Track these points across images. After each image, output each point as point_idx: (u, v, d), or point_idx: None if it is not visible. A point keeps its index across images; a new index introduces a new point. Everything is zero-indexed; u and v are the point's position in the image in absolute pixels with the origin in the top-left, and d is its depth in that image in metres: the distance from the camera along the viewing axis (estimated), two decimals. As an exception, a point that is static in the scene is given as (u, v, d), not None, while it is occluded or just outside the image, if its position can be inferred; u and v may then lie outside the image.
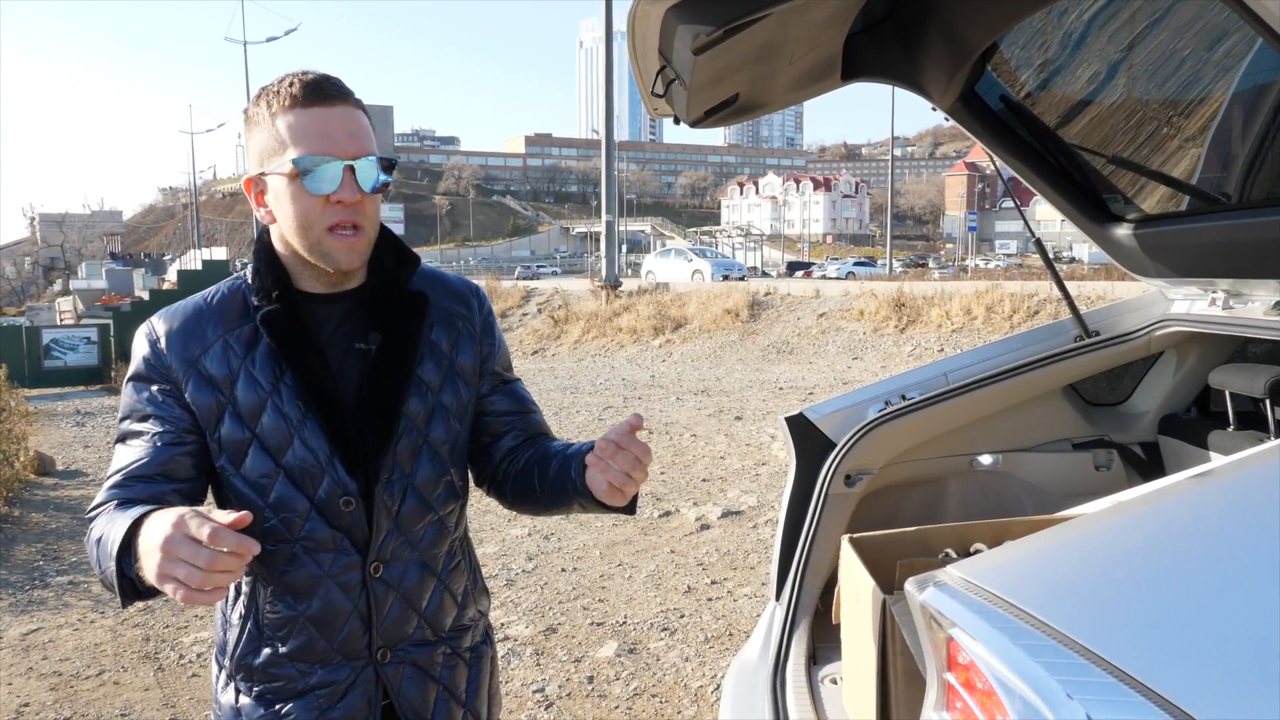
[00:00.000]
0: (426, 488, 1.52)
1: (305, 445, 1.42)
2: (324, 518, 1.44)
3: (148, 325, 1.47)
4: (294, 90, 1.37)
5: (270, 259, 1.46)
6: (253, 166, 1.42)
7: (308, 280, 1.46)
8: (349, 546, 1.46)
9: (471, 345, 1.58)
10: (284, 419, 1.42)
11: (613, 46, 23.68)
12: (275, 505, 1.43)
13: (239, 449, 1.42)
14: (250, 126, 1.42)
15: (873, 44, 2.21)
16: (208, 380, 1.42)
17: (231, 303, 1.46)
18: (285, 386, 1.42)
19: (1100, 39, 2.16)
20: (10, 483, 7.86)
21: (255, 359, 1.43)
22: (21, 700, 4.14)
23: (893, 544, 1.97)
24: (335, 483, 1.43)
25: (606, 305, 21.91)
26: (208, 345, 1.43)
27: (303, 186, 1.36)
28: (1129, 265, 2.45)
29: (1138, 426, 2.71)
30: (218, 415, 1.42)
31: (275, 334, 1.42)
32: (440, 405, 1.53)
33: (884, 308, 17.82)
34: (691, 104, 1.95)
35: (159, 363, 1.43)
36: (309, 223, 1.38)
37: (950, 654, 1.15)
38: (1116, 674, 0.95)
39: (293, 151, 1.35)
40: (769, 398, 12.88)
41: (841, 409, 2.50)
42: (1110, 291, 14.39)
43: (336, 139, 1.36)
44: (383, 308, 1.49)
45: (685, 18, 1.46)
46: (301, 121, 1.36)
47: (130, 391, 1.45)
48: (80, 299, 45.38)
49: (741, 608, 5.00)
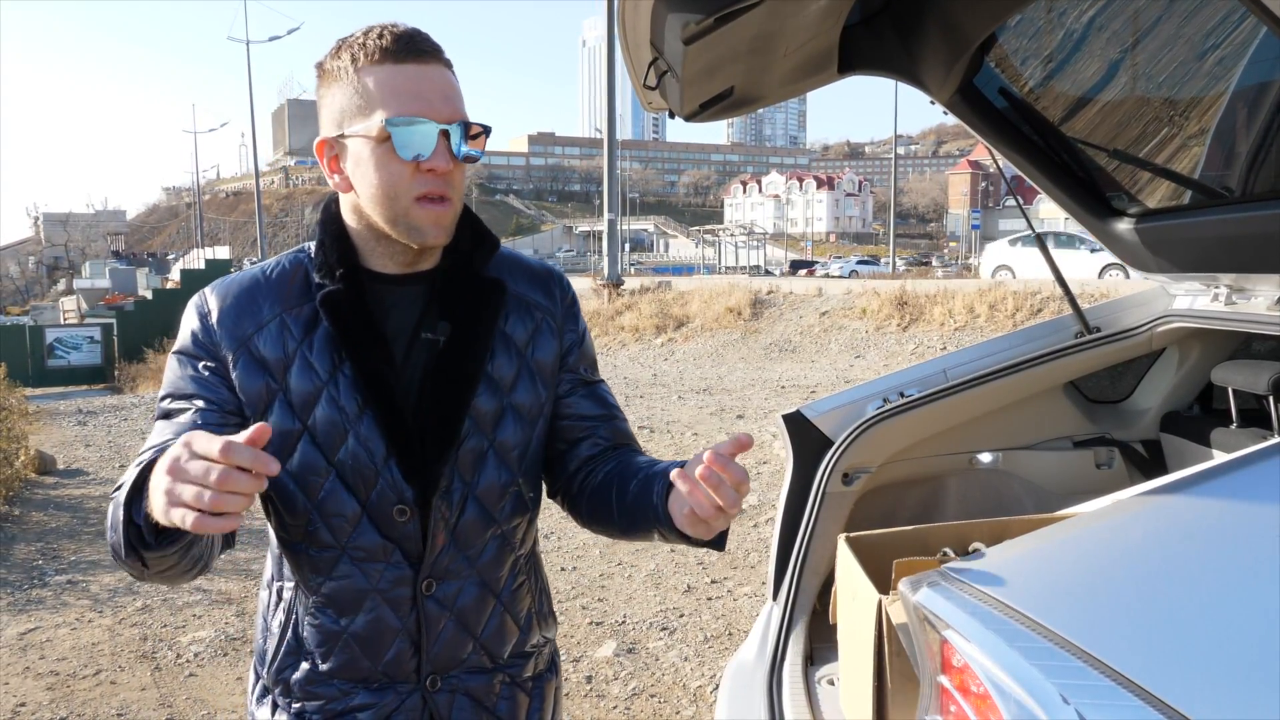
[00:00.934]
0: (490, 497, 1.37)
1: (360, 443, 1.29)
2: (375, 525, 1.31)
3: (199, 297, 1.34)
4: (385, 43, 1.23)
5: (338, 233, 1.32)
6: (328, 127, 1.28)
7: (379, 258, 1.32)
8: (400, 559, 1.33)
9: (551, 339, 1.43)
10: (339, 412, 1.29)
11: (615, 45, 23.70)
12: (322, 507, 1.30)
13: (288, 441, 1.29)
14: (327, 82, 1.27)
15: (869, 36, 2.18)
16: (259, 363, 1.28)
17: (292, 278, 1.32)
18: (343, 376, 1.29)
19: (1101, 31, 2.13)
20: (10, 482, 7.85)
21: (313, 343, 1.29)
22: (18, 700, 4.13)
23: (890, 543, 1.94)
24: (390, 487, 1.30)
25: (609, 304, 21.90)
26: (262, 324, 1.29)
27: (392, 150, 1.22)
28: (1131, 261, 2.42)
29: (1139, 424, 2.68)
30: (267, 402, 1.28)
31: (336, 317, 1.28)
32: (512, 405, 1.38)
33: (886, 306, 17.79)
34: (685, 96, 1.93)
35: (208, 339, 1.29)
36: (395, 191, 1.24)
37: (944, 656, 1.13)
38: (1114, 676, 0.93)
39: (382, 111, 1.21)
40: (771, 396, 12.85)
41: (839, 406, 2.47)
42: (1114, 289, 14.35)
43: (431, 100, 1.23)
44: (456, 294, 1.35)
45: (675, 6, 1.43)
46: (393, 78, 1.22)
47: (174, 366, 1.32)
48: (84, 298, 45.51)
49: (741, 607, 4.98)
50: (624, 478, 1.37)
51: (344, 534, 1.31)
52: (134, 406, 14.86)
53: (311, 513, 1.30)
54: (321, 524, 1.31)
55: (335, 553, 1.31)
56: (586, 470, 1.46)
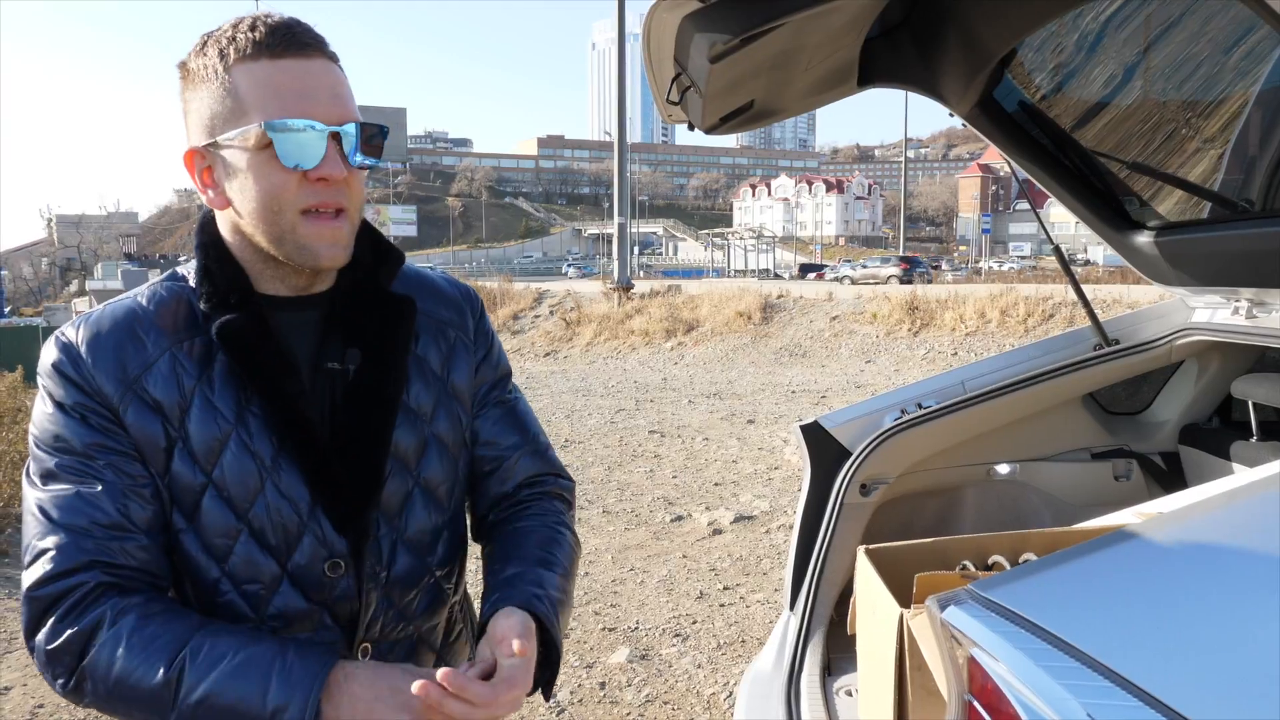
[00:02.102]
0: (421, 543, 1.23)
1: (280, 494, 1.12)
2: (299, 589, 1.14)
3: (61, 336, 1.12)
4: (258, 36, 1.06)
5: (222, 255, 1.15)
6: (196, 135, 1.10)
7: (268, 281, 1.16)
8: (330, 623, 1.17)
9: (467, 359, 1.30)
10: (252, 459, 1.12)
11: (625, 48, 23.71)
12: (235, 573, 1.12)
13: (190, 497, 1.11)
14: (193, 84, 1.10)
15: (889, 49, 2.18)
16: (152, 406, 1.10)
17: (175, 308, 1.14)
18: (252, 416, 1.12)
19: (1120, 42, 2.13)
20: (25, 483, 7.90)
21: (213, 381, 1.12)
22: (36, 701, 4.15)
23: (909, 555, 1.94)
24: (319, 542, 1.14)
25: (619, 307, 21.91)
26: (149, 362, 1.10)
27: (273, 158, 1.06)
28: (1149, 273, 2.42)
29: (1158, 436, 2.68)
30: (165, 450, 1.10)
31: (236, 350, 1.11)
32: (434, 437, 1.24)
33: (897, 311, 17.77)
34: (706, 111, 1.93)
35: (85, 383, 1.09)
36: (279, 205, 1.08)
37: (972, 674, 1.13)
38: (1143, 697, 0.92)
39: (259, 114, 1.05)
40: (781, 401, 12.85)
41: (857, 417, 2.48)
42: (1126, 295, 14.31)
43: (317, 98, 1.07)
44: (360, 316, 1.20)
45: (702, 26, 1.44)
46: (270, 76, 1.06)
47: (51, 415, 1.10)
48: (96, 299, 45.71)
49: (754, 614, 4.98)
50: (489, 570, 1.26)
51: (261, 603, 1.13)
52: (146, 408, 14.93)
53: (220, 580, 1.12)
54: (234, 592, 1.13)
55: (251, 624, 1.13)
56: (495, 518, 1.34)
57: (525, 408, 1.41)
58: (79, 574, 1.04)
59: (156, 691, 1.00)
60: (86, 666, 1.03)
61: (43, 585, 1.04)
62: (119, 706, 1.04)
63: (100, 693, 1.03)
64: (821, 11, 1.51)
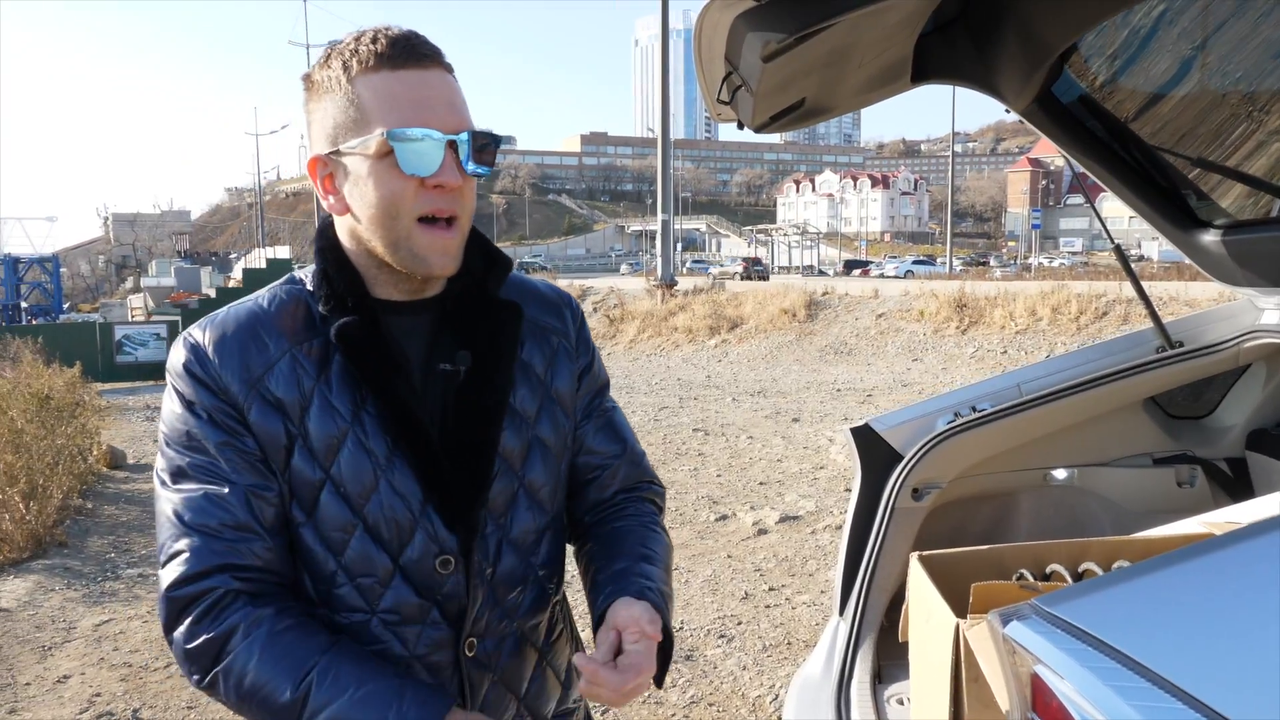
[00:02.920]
0: (524, 542, 1.27)
1: (394, 491, 1.17)
2: (410, 583, 1.19)
3: (189, 337, 1.18)
4: (380, 48, 1.11)
5: (340, 260, 1.20)
6: (319, 143, 1.16)
7: (383, 286, 1.21)
8: (439, 619, 1.21)
9: (569, 365, 1.34)
10: (368, 457, 1.16)
11: (669, 45, 23.66)
12: (350, 567, 1.17)
13: (309, 493, 1.16)
14: (317, 94, 1.15)
15: (944, 45, 2.13)
16: (274, 405, 1.14)
17: (294, 310, 1.19)
18: (368, 416, 1.16)
19: (1185, 34, 2.07)
20: (84, 476, 8.10)
21: (330, 381, 1.16)
22: (94, 690, 4.25)
23: (964, 563, 1.90)
24: (430, 538, 1.18)
25: (662, 304, 21.90)
26: (271, 362, 1.15)
27: (393, 166, 1.10)
28: (1216, 273, 2.34)
29: (1224, 441, 2.59)
30: (286, 448, 1.15)
31: (353, 352, 1.16)
32: (538, 440, 1.28)
33: (945, 308, 17.55)
34: (756, 110, 1.90)
35: (214, 381, 1.14)
36: (396, 211, 1.12)
37: (1035, 691, 1.10)
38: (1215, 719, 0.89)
39: (379, 123, 1.10)
40: (826, 399, 12.75)
41: (909, 420, 2.43)
42: (1184, 292, 13.99)
43: (435, 109, 1.11)
44: (470, 321, 1.24)
45: (755, 25, 1.41)
46: (391, 87, 1.10)
47: (180, 414, 1.15)
48: (150, 296, 46.74)
49: (800, 616, 4.94)
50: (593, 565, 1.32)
51: (375, 596, 1.18)
52: (198, 404, 15.23)
53: (337, 573, 1.18)
54: (349, 585, 1.18)
55: (364, 617, 1.18)
56: (591, 519, 1.39)
57: (622, 418, 1.46)
58: (212, 577, 1.11)
59: (284, 708, 1.07)
60: (221, 671, 1.09)
61: (178, 587, 1.11)
62: (249, 711, 1.11)
63: (232, 698, 1.10)
64: (876, 9, 1.48)
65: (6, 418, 7.27)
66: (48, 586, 5.68)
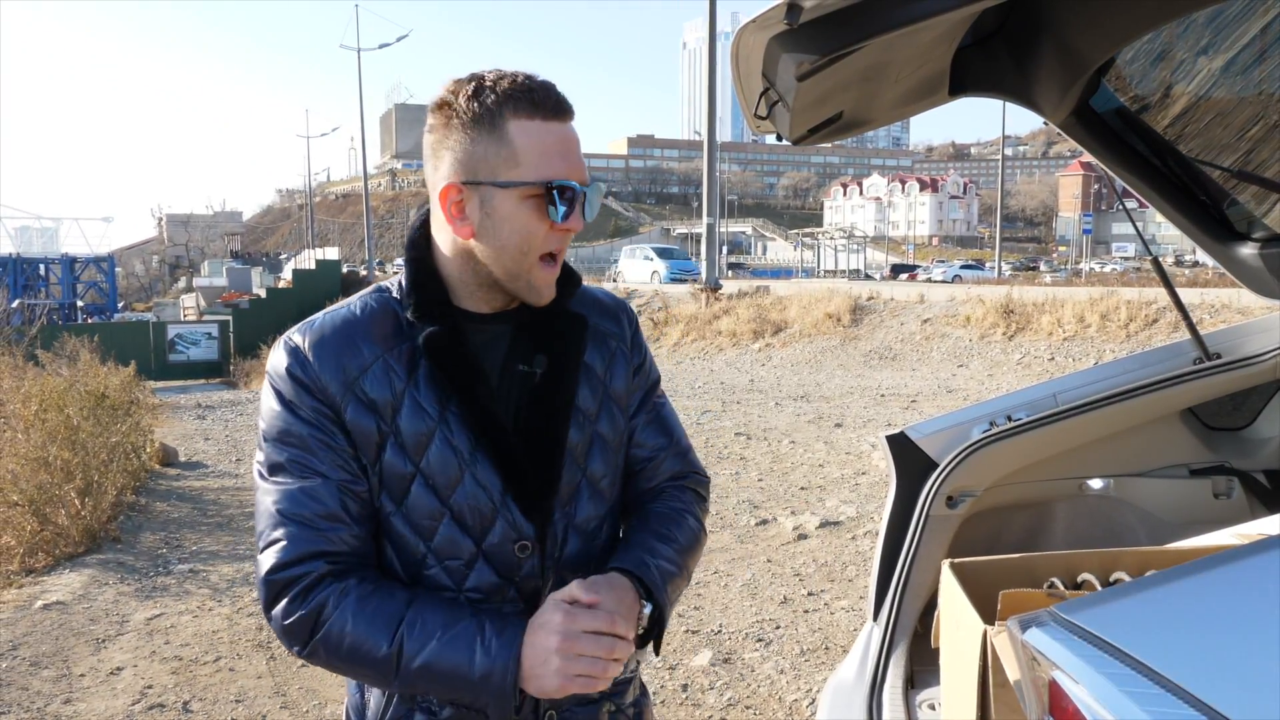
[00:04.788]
0: (587, 530, 1.39)
1: (477, 482, 1.29)
2: (492, 566, 1.31)
3: (289, 341, 1.29)
4: (535, 97, 1.23)
5: (429, 272, 1.32)
6: (457, 171, 1.25)
7: (472, 300, 1.33)
8: (515, 597, 1.33)
9: (625, 367, 1.46)
10: (454, 452, 1.28)
11: (716, 48, 23.64)
12: (439, 551, 1.30)
13: (400, 484, 1.28)
14: (461, 124, 1.24)
15: (982, 58, 2.16)
16: (368, 405, 1.26)
17: (383, 318, 1.31)
18: (452, 415, 1.28)
19: (1223, 42, 2.07)
20: (137, 473, 8.31)
21: (419, 383, 1.28)
22: (146, 682, 4.38)
23: (996, 570, 1.92)
24: (509, 525, 1.31)
25: (706, 308, 21.88)
26: (366, 365, 1.27)
27: (539, 210, 1.24)
28: (1255, 287, 2.33)
29: (1262, 453, 2.57)
30: (378, 444, 1.27)
31: (441, 358, 1.28)
32: (598, 435, 1.41)
33: (991, 314, 17.33)
34: (794, 124, 1.94)
35: (314, 383, 1.26)
36: (528, 248, 1.26)
37: (1053, 697, 1.13)
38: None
39: (536, 170, 1.22)
40: (870, 405, 12.68)
41: (945, 429, 2.45)
42: (1236, 299, 13.70)
43: (574, 161, 1.26)
44: (543, 330, 1.37)
45: (789, 46, 1.46)
46: (544, 137, 1.23)
47: (279, 412, 1.27)
48: (203, 295, 47.66)
49: (838, 621, 4.95)
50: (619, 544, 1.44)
51: (460, 577, 1.31)
52: (249, 402, 15.53)
53: (426, 556, 1.30)
54: (438, 567, 1.30)
55: (452, 596, 1.31)
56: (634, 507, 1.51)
57: (670, 411, 1.58)
58: (306, 563, 1.24)
59: (383, 660, 1.21)
60: (319, 641, 1.23)
61: (276, 571, 1.24)
62: (350, 669, 1.25)
63: (335, 661, 1.24)
64: (912, 29, 1.52)
65: (63, 415, 7.48)
66: (102, 581, 5.84)
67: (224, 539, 6.82)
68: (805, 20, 1.35)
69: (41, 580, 5.88)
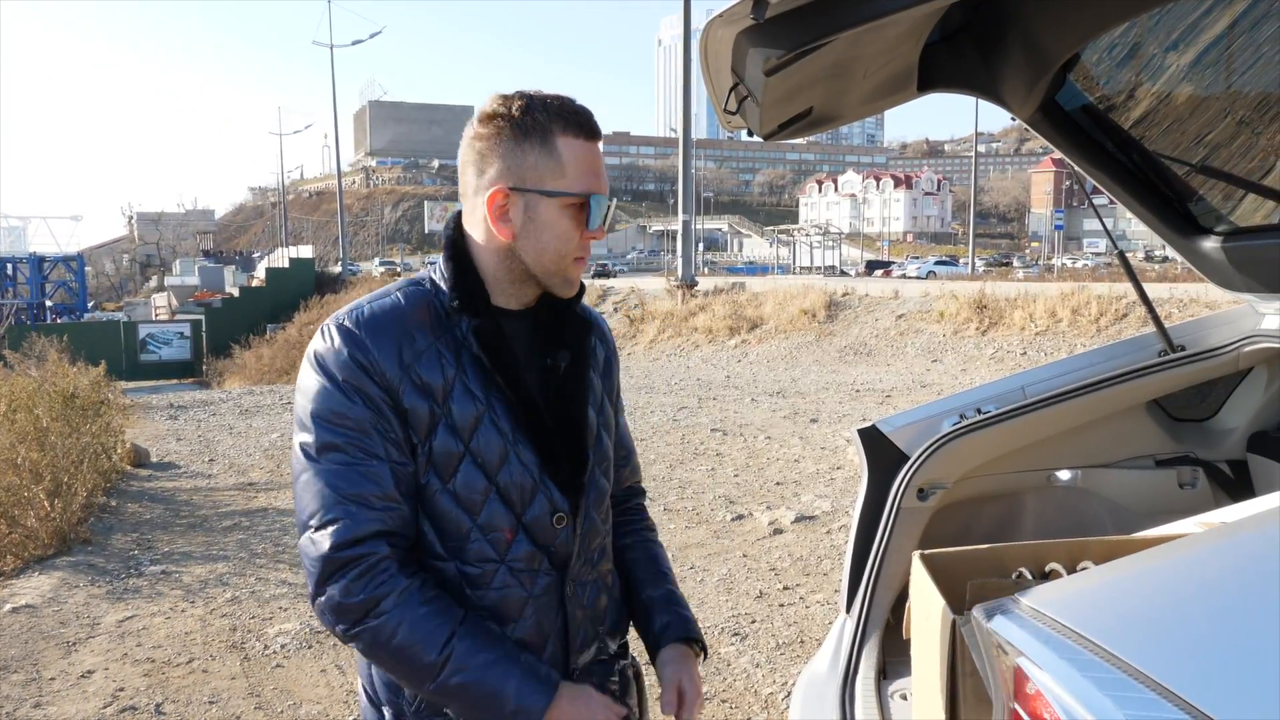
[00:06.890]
0: (599, 504, 1.55)
1: (520, 462, 1.42)
2: (530, 537, 1.44)
3: (342, 327, 1.38)
4: (581, 119, 1.39)
5: (468, 269, 1.44)
6: (506, 176, 1.38)
7: (504, 296, 1.46)
8: (548, 566, 1.47)
9: (614, 364, 1.65)
10: (499, 434, 1.40)
11: (691, 45, 23.67)
12: (484, 525, 1.41)
13: (450, 463, 1.39)
14: (515, 135, 1.37)
15: (950, 54, 2.18)
16: (422, 388, 1.37)
17: (426, 309, 1.42)
18: (496, 401, 1.40)
19: (1186, 39, 2.10)
20: (108, 474, 8.21)
21: (467, 370, 1.40)
22: (117, 685, 4.33)
23: (965, 561, 1.95)
24: (548, 500, 1.44)
25: (682, 305, 21.92)
26: (420, 352, 1.38)
27: (578, 218, 1.39)
28: (1216, 279, 2.37)
29: (1225, 444, 2.62)
30: (429, 426, 1.38)
31: (488, 349, 1.40)
32: (603, 421, 1.58)
33: (965, 309, 17.48)
34: (764, 119, 1.96)
35: (373, 366, 1.35)
36: (565, 251, 1.41)
37: (1017, 683, 1.15)
38: (1187, 709, 0.93)
39: (579, 183, 1.38)
40: (845, 400, 12.75)
41: (915, 422, 2.48)
42: (1204, 294, 13.88)
43: (603, 178, 1.42)
44: (562, 325, 1.52)
45: (756, 41, 1.47)
46: (585, 155, 1.39)
47: (333, 395, 1.34)
48: (174, 295, 47.17)
49: (814, 615, 4.98)
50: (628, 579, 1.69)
51: (503, 548, 1.42)
52: (221, 402, 15.37)
53: (472, 530, 1.41)
54: (482, 540, 1.41)
55: (494, 565, 1.42)
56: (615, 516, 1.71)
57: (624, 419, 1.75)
58: (368, 543, 1.32)
59: (426, 665, 1.32)
60: (370, 627, 1.32)
61: (338, 550, 1.31)
62: (388, 664, 1.36)
63: (377, 651, 1.34)
64: (877, 24, 1.53)
65: (32, 416, 7.39)
66: (72, 583, 5.76)
67: (197, 540, 6.75)
68: (771, 15, 1.36)
69: (10, 583, 5.80)
